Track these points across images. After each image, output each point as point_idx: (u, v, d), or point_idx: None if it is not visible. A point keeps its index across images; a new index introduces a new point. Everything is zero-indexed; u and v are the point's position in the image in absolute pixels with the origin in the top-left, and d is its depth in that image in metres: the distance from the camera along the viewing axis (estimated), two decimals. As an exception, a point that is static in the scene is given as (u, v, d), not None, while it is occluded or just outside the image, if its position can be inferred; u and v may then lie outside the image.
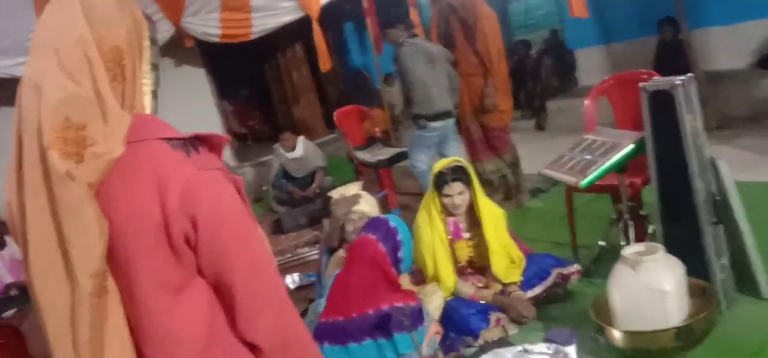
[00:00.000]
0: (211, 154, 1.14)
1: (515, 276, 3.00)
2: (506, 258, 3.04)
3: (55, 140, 0.97)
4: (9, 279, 5.39)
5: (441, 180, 3.02)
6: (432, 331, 2.66)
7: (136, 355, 1.07)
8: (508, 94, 4.56)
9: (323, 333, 2.59)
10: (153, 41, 1.16)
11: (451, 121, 4.46)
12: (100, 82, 1.02)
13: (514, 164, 4.60)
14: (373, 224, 2.74)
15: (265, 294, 1.13)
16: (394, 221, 2.74)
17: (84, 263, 0.99)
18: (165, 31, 6.78)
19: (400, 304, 2.47)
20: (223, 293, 1.10)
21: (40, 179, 0.99)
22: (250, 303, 1.10)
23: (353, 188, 3.37)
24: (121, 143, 1.02)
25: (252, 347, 1.13)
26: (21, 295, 5.31)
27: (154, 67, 1.16)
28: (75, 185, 0.98)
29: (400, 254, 2.66)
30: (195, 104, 7.41)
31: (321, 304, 2.67)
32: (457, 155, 4.14)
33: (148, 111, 1.13)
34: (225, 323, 1.12)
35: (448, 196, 3.02)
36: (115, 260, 1.04)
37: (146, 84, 1.13)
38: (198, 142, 1.12)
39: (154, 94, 1.16)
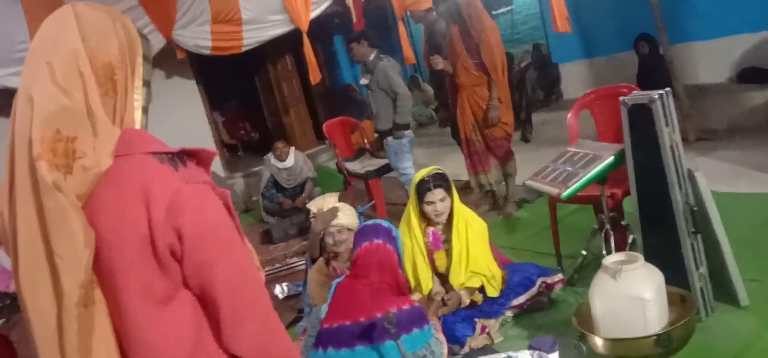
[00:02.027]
0: (199, 168, 1.16)
1: (490, 289, 3.06)
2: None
3: (44, 151, 1.00)
4: (-3, 289, 5.37)
5: (423, 188, 3.07)
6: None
7: None
8: (509, 106, 4.58)
9: (326, 339, 2.63)
10: (146, 58, 1.18)
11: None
12: (91, 96, 1.05)
13: (512, 175, 4.63)
14: (372, 229, 2.77)
15: (248, 307, 1.14)
16: (384, 222, 2.80)
17: (70, 273, 1.01)
18: (156, 43, 6.81)
19: (394, 310, 2.52)
20: (208, 305, 1.12)
21: (30, 189, 1.02)
22: (233, 316, 1.11)
23: (331, 200, 3.39)
24: (109, 156, 1.05)
25: None
26: (11, 304, 5.29)
27: (146, 84, 1.18)
28: (62, 195, 1.00)
29: (400, 251, 2.72)
30: (186, 115, 7.44)
31: (323, 310, 2.71)
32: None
33: (137, 126, 1.15)
34: (210, 334, 1.13)
35: (430, 203, 3.06)
36: (101, 271, 1.06)
37: (137, 99, 1.15)
38: (186, 156, 1.14)
39: (145, 110, 1.18)
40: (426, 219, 3.13)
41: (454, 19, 4.49)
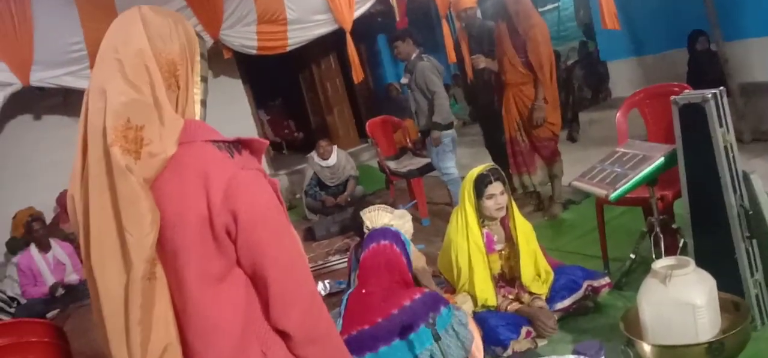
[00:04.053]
0: (252, 156, 1.25)
1: (541, 288, 3.02)
2: (534, 268, 3.05)
3: (117, 138, 1.11)
4: (53, 280, 5.59)
5: (484, 181, 3.00)
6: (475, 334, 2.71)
7: (179, 339, 1.19)
8: (556, 105, 4.48)
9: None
10: (203, 56, 1.29)
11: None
12: (157, 90, 1.16)
13: (558, 176, 4.55)
14: (379, 233, 2.83)
15: (296, 286, 1.23)
16: (392, 227, 2.82)
17: (138, 250, 1.11)
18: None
19: (408, 302, 2.54)
20: (258, 283, 1.20)
21: (104, 173, 1.12)
22: (282, 294, 1.20)
23: (384, 217, 3.34)
24: (174, 144, 1.15)
25: (283, 334, 1.23)
26: (66, 295, 5.50)
27: (204, 79, 1.29)
28: (133, 178, 1.10)
29: (409, 255, 2.78)
30: (233, 114, 7.60)
31: (338, 324, 2.72)
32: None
33: (197, 117, 1.26)
34: (259, 312, 1.22)
35: (491, 196, 2.99)
36: (164, 250, 1.16)
37: (197, 93, 1.26)
38: (240, 145, 1.24)
39: (204, 103, 1.29)
40: (484, 217, 3.07)
41: (502, 15, 4.43)
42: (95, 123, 1.14)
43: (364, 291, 2.76)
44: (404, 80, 5.05)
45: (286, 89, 10.88)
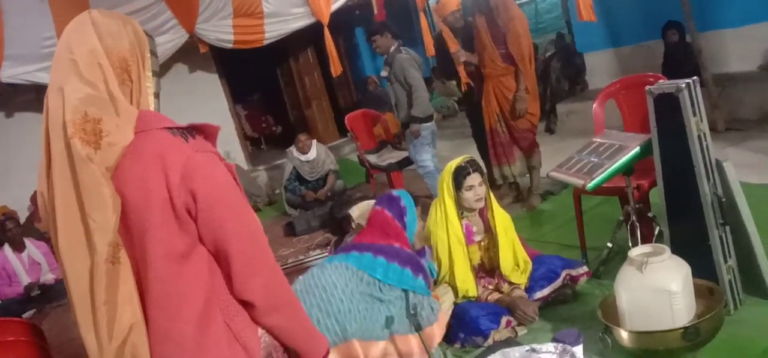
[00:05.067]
0: (206, 141, 1.34)
1: (521, 278, 3.04)
2: (513, 258, 3.07)
3: (76, 131, 1.19)
4: (28, 280, 5.50)
5: (462, 173, 3.01)
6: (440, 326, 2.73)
7: (145, 318, 1.25)
8: (536, 96, 4.54)
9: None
10: (153, 53, 1.38)
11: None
12: (111, 85, 1.24)
13: (536, 167, 4.60)
14: (377, 199, 2.91)
15: (258, 259, 1.31)
16: (396, 192, 2.85)
17: (101, 234, 1.19)
18: (179, 37, 6.88)
19: (397, 245, 2.64)
20: (220, 258, 1.29)
21: (66, 164, 1.20)
22: (245, 266, 1.28)
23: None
24: (131, 132, 1.23)
25: (246, 305, 1.32)
26: (42, 295, 5.41)
27: (155, 74, 1.38)
28: (94, 166, 1.19)
29: (406, 219, 2.76)
30: (209, 109, 7.51)
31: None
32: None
33: (151, 109, 1.34)
34: (223, 285, 1.30)
35: (470, 187, 3.00)
36: (130, 233, 1.24)
37: (149, 87, 1.35)
38: (194, 130, 1.32)
39: (156, 96, 1.38)
40: (463, 208, 3.08)
41: (481, 9, 4.45)
42: (55, 119, 1.22)
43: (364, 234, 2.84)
44: (383, 73, 5.02)
45: (264, 84, 10.78)
